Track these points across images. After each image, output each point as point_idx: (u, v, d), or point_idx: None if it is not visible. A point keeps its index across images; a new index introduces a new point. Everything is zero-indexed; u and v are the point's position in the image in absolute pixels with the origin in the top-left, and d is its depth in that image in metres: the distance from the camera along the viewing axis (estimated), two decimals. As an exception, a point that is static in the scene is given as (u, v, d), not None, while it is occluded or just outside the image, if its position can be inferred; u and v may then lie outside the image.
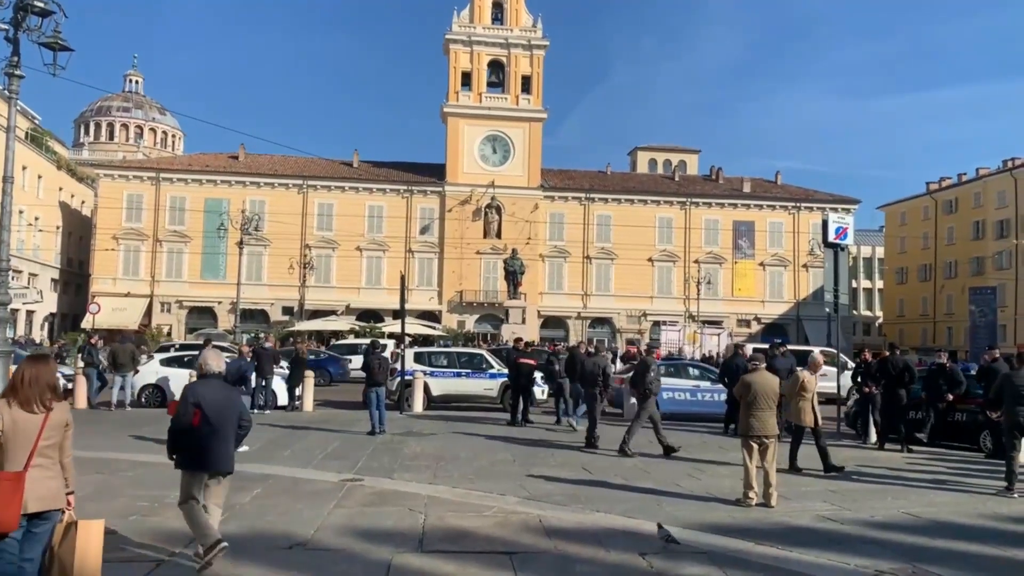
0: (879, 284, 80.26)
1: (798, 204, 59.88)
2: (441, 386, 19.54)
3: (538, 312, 54.57)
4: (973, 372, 15.83)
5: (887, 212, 77.37)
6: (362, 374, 17.12)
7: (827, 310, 15.69)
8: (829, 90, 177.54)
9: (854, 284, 76.89)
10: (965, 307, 54.75)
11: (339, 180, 55.94)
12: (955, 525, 8.05)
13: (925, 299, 69.33)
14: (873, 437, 14.48)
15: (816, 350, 13.59)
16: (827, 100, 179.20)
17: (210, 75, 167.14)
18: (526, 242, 53.69)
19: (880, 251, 79.69)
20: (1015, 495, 9.61)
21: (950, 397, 13.75)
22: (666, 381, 18.71)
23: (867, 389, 14.42)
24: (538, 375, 19.46)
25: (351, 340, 33.40)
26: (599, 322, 57.99)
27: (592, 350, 17.01)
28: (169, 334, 48.68)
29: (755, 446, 8.78)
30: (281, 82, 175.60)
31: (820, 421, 11.09)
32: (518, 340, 17.61)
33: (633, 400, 14.70)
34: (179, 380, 18.32)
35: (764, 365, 9.64)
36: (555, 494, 9.03)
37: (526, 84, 57.70)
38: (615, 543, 6.85)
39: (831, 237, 14.98)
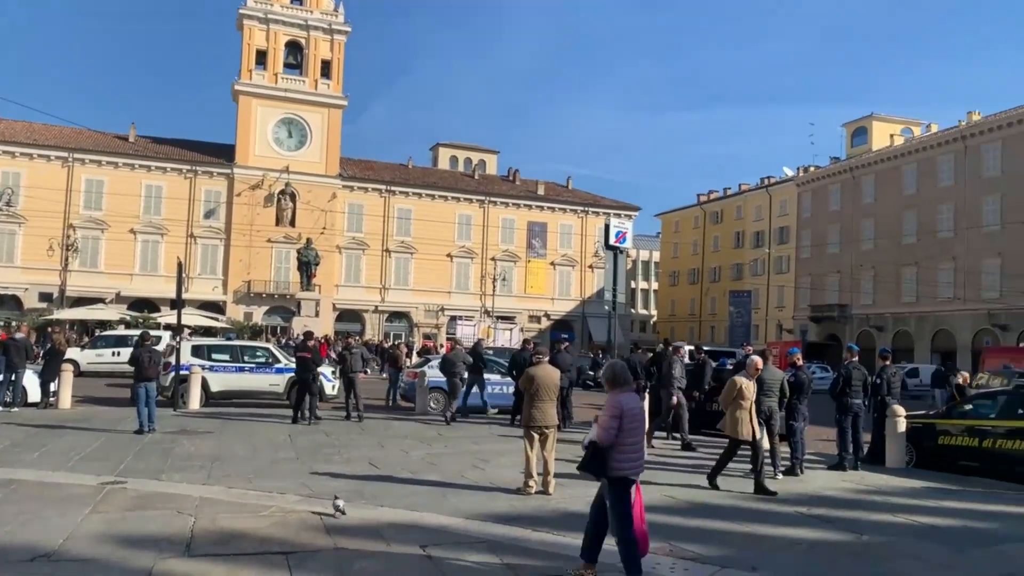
0: (655, 285, 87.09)
1: (586, 208, 63.41)
2: (221, 381, 18.41)
3: (333, 305, 53.36)
4: (730, 366, 17.67)
5: (663, 220, 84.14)
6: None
7: (606, 308, 16.73)
8: (618, 103, 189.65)
9: (633, 285, 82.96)
10: (726, 308, 60.97)
11: (112, 155, 51.00)
12: (708, 505, 8.89)
13: (693, 300, 76.29)
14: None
15: (751, 352, 12.00)
16: (616, 112, 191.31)
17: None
18: (321, 232, 52.20)
19: (657, 255, 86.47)
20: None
21: (696, 394, 15.45)
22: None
23: (638, 383, 15.57)
24: (327, 370, 19.04)
25: (121, 331, 30.53)
26: (397, 316, 57.76)
27: (458, 344, 19.30)
28: None
29: (536, 436, 9.14)
30: (45, 43, 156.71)
31: (759, 434, 9.93)
32: (308, 334, 17.03)
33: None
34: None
35: (547, 359, 10.06)
36: (339, 491, 8.80)
37: (326, 69, 56.04)
38: (398, 537, 6.82)
39: (612, 240, 15.95)
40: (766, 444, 11.19)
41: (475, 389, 17.51)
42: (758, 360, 10.34)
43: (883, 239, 54.52)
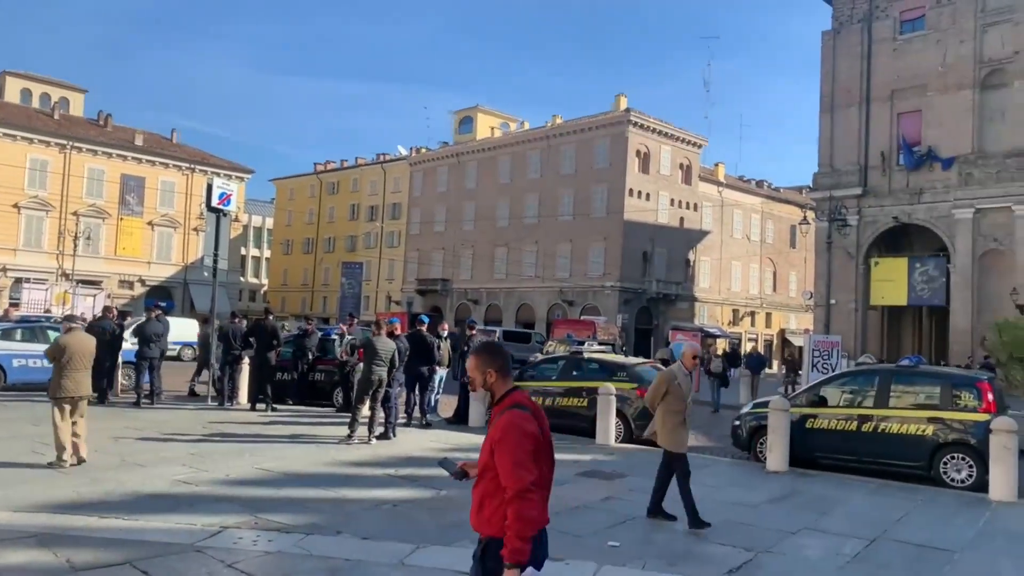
0: (267, 253, 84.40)
1: (193, 166, 58.62)
2: None
3: None
4: (335, 337, 17.92)
5: (278, 186, 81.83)
6: None
7: (205, 274, 15.76)
8: (237, 59, 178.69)
9: (243, 251, 79.33)
10: (339, 279, 61.72)
11: None
12: (301, 475, 8.88)
13: (307, 270, 75.70)
14: (243, 398, 15.13)
15: (685, 343, 8.83)
16: (234, 68, 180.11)
17: None
18: None
19: (271, 222, 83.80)
20: (354, 441, 11.13)
21: (301, 365, 15.48)
22: (22, 347, 16.50)
23: (234, 353, 14.96)
24: None
25: None
26: (-62, 275, 47.25)
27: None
28: None
29: (68, 407, 8.59)
30: None
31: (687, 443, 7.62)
32: None
33: None
34: None
35: (83, 326, 9.37)
36: None
37: None
38: (-89, 543, 5.58)
39: (214, 202, 15.02)
40: (366, 411, 11.61)
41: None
42: (696, 347, 8.11)
43: (482, 221, 59.98)
